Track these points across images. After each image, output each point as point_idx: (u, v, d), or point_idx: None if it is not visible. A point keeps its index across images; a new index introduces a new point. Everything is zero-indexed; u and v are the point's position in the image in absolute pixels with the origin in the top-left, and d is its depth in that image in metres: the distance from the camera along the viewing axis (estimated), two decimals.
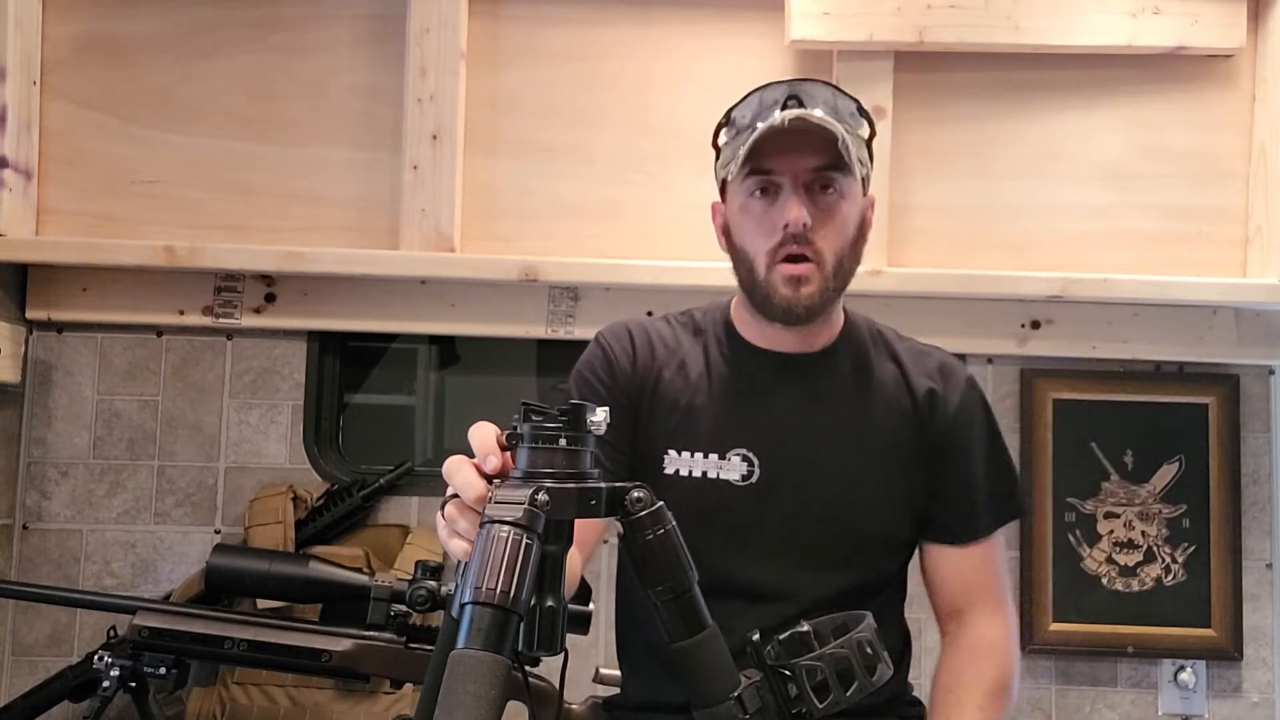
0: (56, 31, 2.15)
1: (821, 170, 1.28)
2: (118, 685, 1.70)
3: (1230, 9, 2.11)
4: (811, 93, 1.29)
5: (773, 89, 1.30)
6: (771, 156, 1.27)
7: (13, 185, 2.06)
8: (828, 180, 1.28)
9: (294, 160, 2.16)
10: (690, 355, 1.40)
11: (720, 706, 0.92)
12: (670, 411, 1.36)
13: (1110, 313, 2.14)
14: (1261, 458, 2.18)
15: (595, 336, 1.44)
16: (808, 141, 1.26)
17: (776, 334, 1.37)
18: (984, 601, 1.38)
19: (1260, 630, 2.15)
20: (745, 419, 1.35)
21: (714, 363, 1.39)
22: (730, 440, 1.34)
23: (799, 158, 1.27)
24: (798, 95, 1.27)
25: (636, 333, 1.42)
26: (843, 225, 1.30)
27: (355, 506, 2.07)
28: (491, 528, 0.82)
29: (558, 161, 2.17)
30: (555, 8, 2.18)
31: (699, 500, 1.31)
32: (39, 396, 2.15)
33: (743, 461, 1.34)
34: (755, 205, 1.30)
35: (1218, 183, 2.18)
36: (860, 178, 1.32)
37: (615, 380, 1.38)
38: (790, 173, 1.27)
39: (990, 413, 1.43)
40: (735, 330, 1.41)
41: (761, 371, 1.38)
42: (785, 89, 1.29)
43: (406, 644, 1.62)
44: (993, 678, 1.33)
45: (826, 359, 1.39)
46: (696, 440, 1.35)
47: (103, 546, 2.13)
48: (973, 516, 1.39)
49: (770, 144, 1.26)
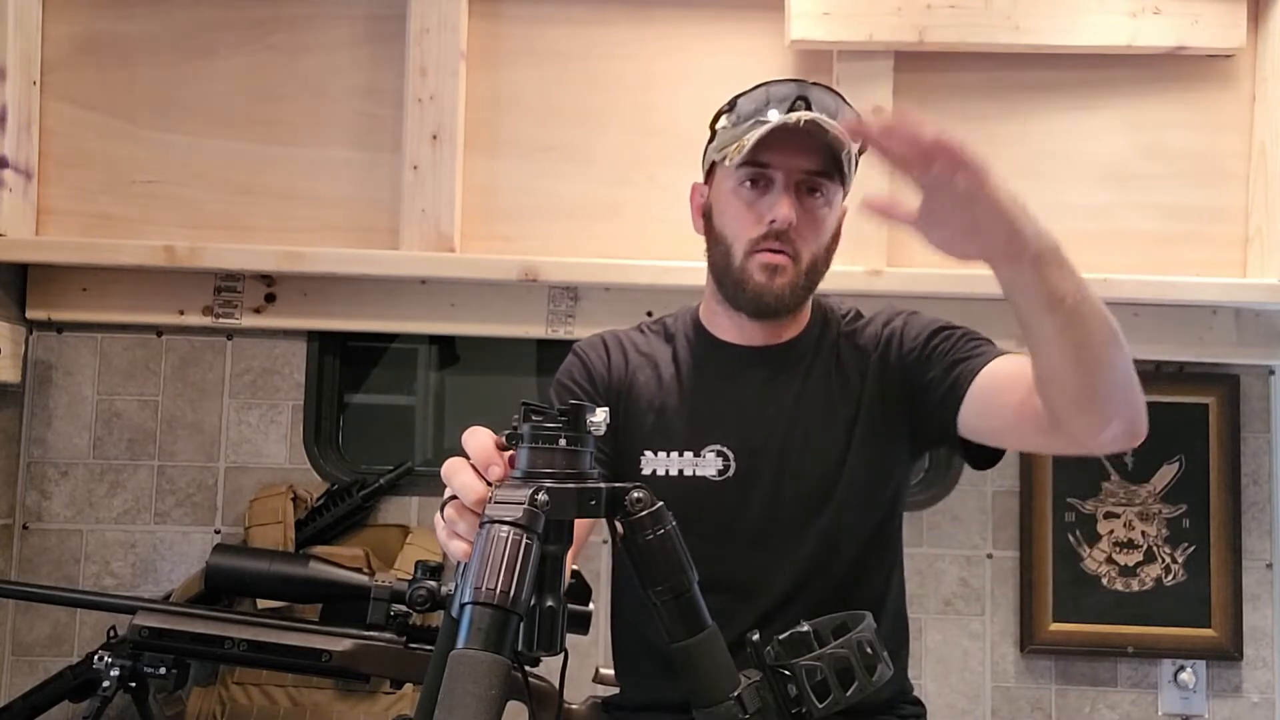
0: (56, 31, 2.15)
1: (814, 174, 1.31)
2: (118, 685, 1.69)
3: (1230, 9, 2.11)
4: (819, 98, 1.31)
5: (781, 86, 1.32)
6: (770, 151, 1.30)
7: (13, 185, 2.06)
8: (817, 184, 1.31)
9: (294, 160, 2.16)
10: (662, 358, 1.43)
11: (720, 706, 0.92)
12: (645, 413, 1.39)
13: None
14: (1261, 458, 2.18)
15: (572, 348, 1.47)
16: (807, 143, 1.28)
17: (746, 327, 1.39)
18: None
19: (1260, 630, 2.15)
20: (718, 415, 1.37)
21: (684, 363, 1.42)
22: (704, 437, 1.36)
23: (796, 157, 1.30)
24: (806, 97, 1.30)
25: (610, 341, 1.46)
26: (822, 229, 1.34)
27: (355, 506, 2.07)
28: (491, 528, 0.82)
29: (558, 161, 2.17)
30: (555, 8, 2.18)
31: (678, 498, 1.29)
32: (39, 396, 2.15)
33: (718, 457, 1.36)
34: (744, 193, 1.33)
35: (1218, 183, 2.18)
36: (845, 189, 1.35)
37: (594, 386, 1.41)
38: (785, 170, 1.30)
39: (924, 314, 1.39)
40: (704, 328, 1.44)
41: (731, 366, 1.40)
42: (795, 88, 1.31)
43: (406, 644, 1.62)
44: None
45: (795, 349, 1.41)
46: (671, 439, 1.37)
47: (103, 546, 2.13)
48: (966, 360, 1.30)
49: (771, 140, 1.28)
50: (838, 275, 1.46)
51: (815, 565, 1.34)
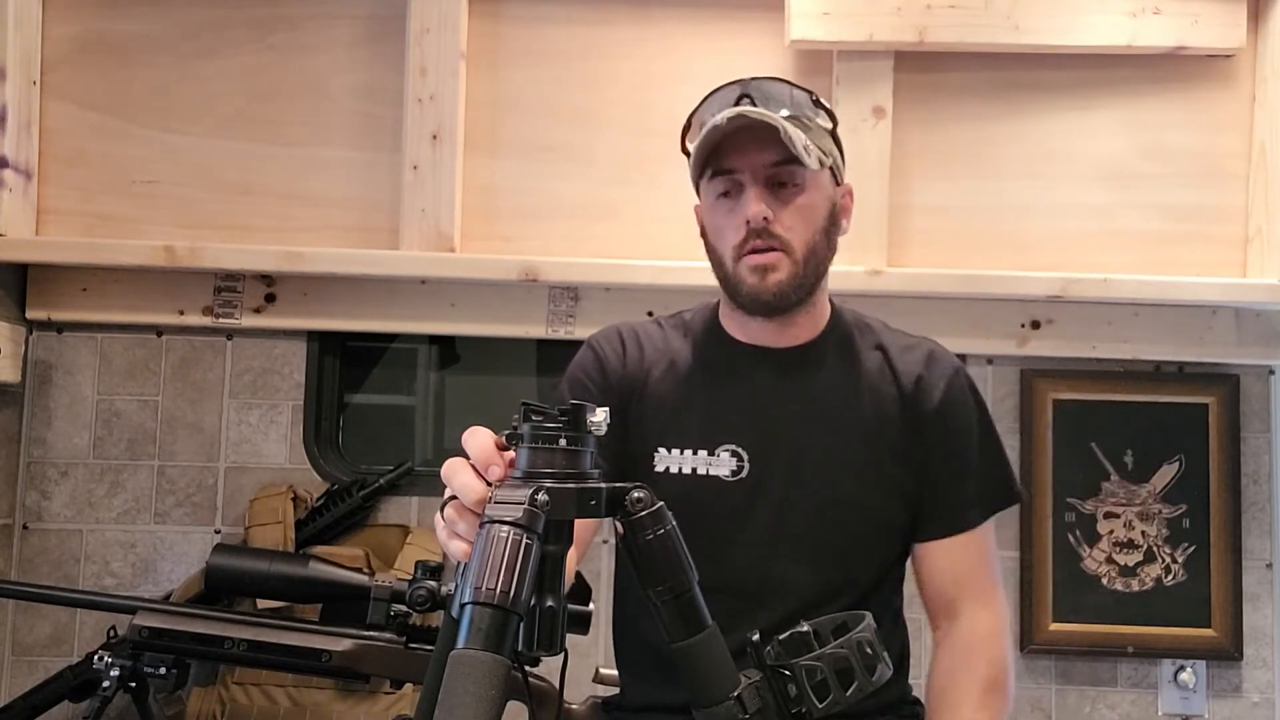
0: (56, 31, 2.15)
1: (779, 165, 1.30)
2: (118, 685, 1.70)
3: (1230, 9, 2.11)
4: (764, 89, 1.32)
5: (728, 90, 1.34)
6: (730, 155, 1.31)
7: (13, 185, 2.06)
8: (787, 174, 1.31)
9: (294, 160, 2.16)
10: (679, 354, 1.42)
11: (720, 706, 0.92)
12: (660, 409, 1.38)
13: (1110, 313, 2.14)
14: (1261, 458, 2.18)
15: (587, 340, 1.46)
16: (764, 138, 1.28)
17: (760, 329, 1.39)
18: (974, 595, 1.37)
19: (1260, 630, 2.15)
20: (733, 415, 1.37)
21: (701, 361, 1.41)
22: (719, 436, 1.36)
23: (756, 154, 1.30)
24: (749, 94, 1.31)
25: (627, 335, 1.44)
26: (809, 215, 1.33)
27: (355, 506, 2.07)
28: (491, 528, 0.82)
29: (558, 161, 2.17)
30: (555, 8, 2.18)
31: (689, 496, 1.32)
32: (39, 396, 2.15)
33: (732, 457, 1.35)
34: (721, 205, 1.34)
35: (1218, 183, 2.17)
36: (828, 167, 1.34)
37: (607, 380, 1.40)
38: (749, 169, 1.30)
39: (980, 400, 1.43)
40: (722, 328, 1.43)
41: (748, 367, 1.39)
42: (738, 89, 1.32)
43: (406, 644, 1.62)
44: (985, 675, 1.32)
45: (812, 351, 1.40)
46: (686, 437, 1.36)
47: (103, 546, 2.13)
48: (962, 506, 1.38)
49: (729, 143, 1.29)
50: (838, 275, 1.46)
51: (824, 569, 1.34)
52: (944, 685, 1.34)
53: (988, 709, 1.30)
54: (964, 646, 1.35)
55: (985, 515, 1.39)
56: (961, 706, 1.30)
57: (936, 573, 1.39)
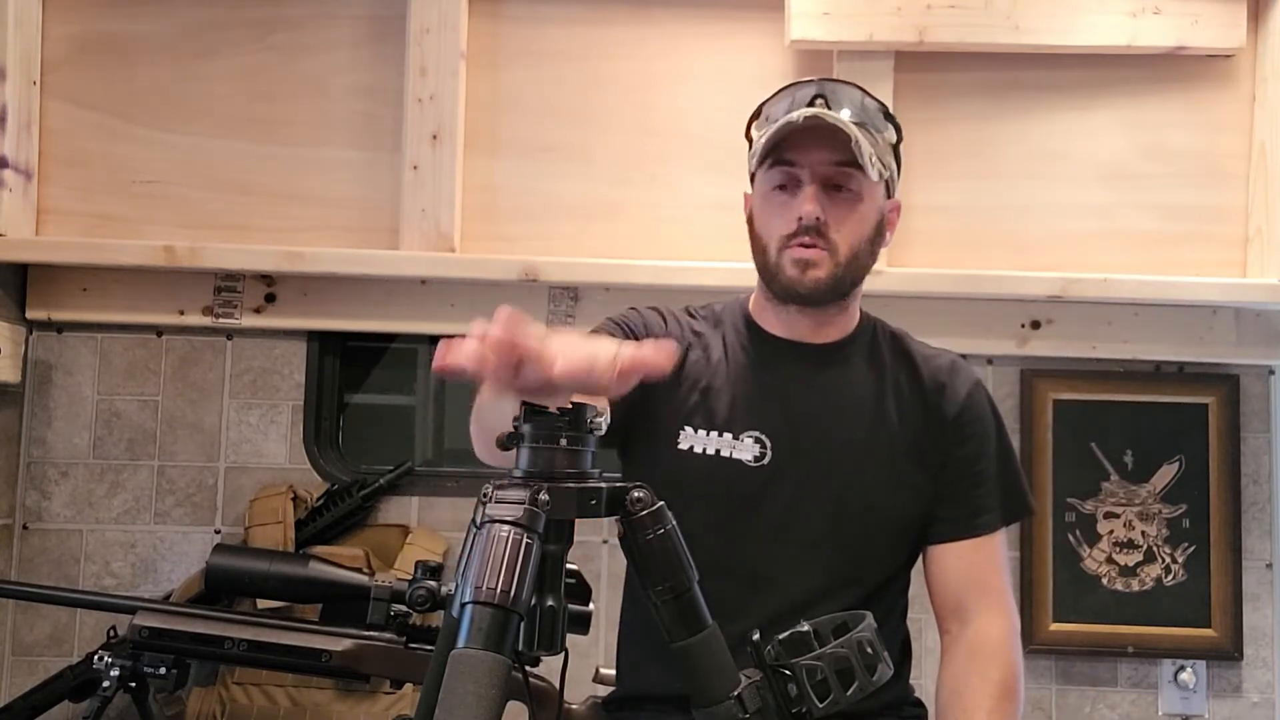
0: (56, 31, 2.15)
1: (839, 166, 1.33)
2: (118, 685, 1.69)
3: (1230, 9, 2.11)
4: (838, 93, 1.36)
5: (804, 87, 1.37)
6: (793, 150, 1.33)
7: (13, 185, 2.06)
8: (845, 177, 1.34)
9: (294, 160, 2.16)
10: (711, 341, 1.45)
11: (720, 706, 0.93)
12: (690, 390, 1.40)
13: (1110, 313, 2.14)
14: (1261, 458, 2.18)
15: (631, 307, 1.48)
16: (829, 140, 1.31)
17: (793, 323, 1.41)
18: (985, 600, 1.38)
19: (1260, 630, 2.15)
20: (761, 403, 1.39)
21: (732, 349, 1.44)
22: (745, 421, 1.37)
23: (819, 153, 1.33)
24: (824, 95, 1.35)
25: (666, 314, 1.48)
26: (859, 222, 1.36)
27: (355, 506, 2.07)
28: (492, 527, 0.82)
29: (558, 161, 2.17)
30: (555, 8, 2.18)
31: (711, 477, 1.35)
32: (39, 396, 2.15)
33: (755, 443, 1.36)
34: (776, 197, 1.36)
35: (1218, 183, 2.17)
36: (884, 180, 1.38)
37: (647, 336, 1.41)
38: (809, 167, 1.33)
39: (999, 414, 1.46)
40: (753, 320, 1.46)
41: (778, 359, 1.42)
42: (814, 88, 1.36)
43: (406, 644, 1.62)
44: (998, 680, 1.33)
45: (841, 350, 1.43)
46: (712, 419, 1.38)
47: (103, 546, 2.13)
48: (978, 510, 1.39)
49: (794, 140, 1.32)
50: None
51: (833, 564, 1.35)
52: (956, 689, 1.34)
53: (1001, 714, 1.30)
54: (976, 651, 1.35)
55: (1000, 522, 1.41)
56: (975, 712, 1.30)
57: (948, 575, 1.39)
